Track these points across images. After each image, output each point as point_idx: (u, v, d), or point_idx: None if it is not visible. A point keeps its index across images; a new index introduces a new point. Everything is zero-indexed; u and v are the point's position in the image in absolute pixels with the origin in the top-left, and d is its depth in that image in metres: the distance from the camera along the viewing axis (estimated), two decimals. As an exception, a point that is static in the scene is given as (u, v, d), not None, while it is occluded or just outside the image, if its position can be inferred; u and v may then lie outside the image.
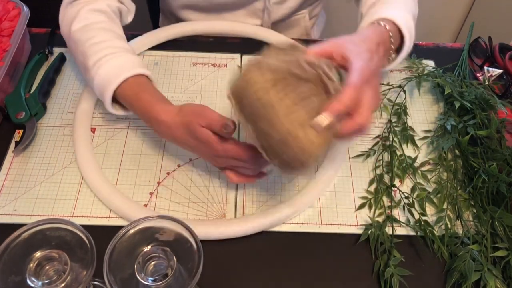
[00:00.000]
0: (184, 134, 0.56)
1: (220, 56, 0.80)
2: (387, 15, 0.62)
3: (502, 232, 0.58)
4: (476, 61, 0.81)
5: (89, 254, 0.43)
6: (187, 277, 0.44)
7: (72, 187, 0.63)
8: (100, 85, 0.61)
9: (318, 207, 0.63)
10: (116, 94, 0.61)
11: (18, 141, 0.66)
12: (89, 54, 0.62)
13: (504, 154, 0.63)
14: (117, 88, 0.60)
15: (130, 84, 0.60)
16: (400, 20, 0.62)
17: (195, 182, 0.64)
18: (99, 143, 0.68)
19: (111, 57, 0.61)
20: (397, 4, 0.66)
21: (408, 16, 0.65)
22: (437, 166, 0.67)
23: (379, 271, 0.57)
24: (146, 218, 0.46)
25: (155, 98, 0.60)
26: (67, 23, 0.67)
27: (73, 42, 0.66)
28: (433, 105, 0.75)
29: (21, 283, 0.42)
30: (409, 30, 0.63)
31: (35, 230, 0.45)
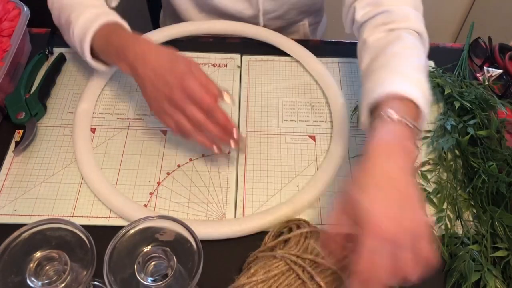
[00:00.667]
0: (163, 57, 0.58)
1: (220, 56, 0.80)
2: (402, 91, 0.51)
3: (502, 232, 0.58)
4: (476, 61, 0.81)
5: (89, 254, 0.43)
6: (187, 277, 0.44)
7: (72, 187, 0.63)
8: (79, 34, 0.64)
9: (318, 207, 0.63)
10: (94, 40, 0.63)
11: (18, 141, 0.66)
12: (70, 12, 0.66)
13: (504, 154, 0.63)
14: (95, 32, 0.62)
15: (107, 26, 0.63)
16: (420, 100, 0.51)
17: (195, 182, 0.64)
18: (99, 143, 0.68)
19: (90, 10, 0.64)
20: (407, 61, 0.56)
21: (424, 79, 0.55)
22: (437, 166, 0.67)
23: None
24: (146, 218, 0.46)
25: (135, 34, 0.62)
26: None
27: (56, 8, 0.69)
28: (433, 105, 0.75)
29: (21, 283, 0.42)
30: (428, 101, 0.53)
31: (35, 230, 0.45)
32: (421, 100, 0.51)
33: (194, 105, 0.57)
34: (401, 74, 0.54)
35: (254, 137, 0.69)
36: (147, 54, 0.58)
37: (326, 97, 0.74)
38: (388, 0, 0.63)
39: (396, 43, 0.59)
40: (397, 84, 0.52)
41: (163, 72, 0.57)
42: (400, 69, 0.55)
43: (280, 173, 0.66)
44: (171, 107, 0.58)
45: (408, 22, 0.61)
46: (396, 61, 0.56)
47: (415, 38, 0.61)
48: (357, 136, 0.70)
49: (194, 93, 0.56)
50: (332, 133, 0.70)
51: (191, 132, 0.59)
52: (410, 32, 0.61)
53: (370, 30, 0.63)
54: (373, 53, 0.60)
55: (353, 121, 0.72)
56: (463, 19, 1.68)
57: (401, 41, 0.59)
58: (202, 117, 0.57)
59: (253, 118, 0.72)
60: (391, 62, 0.56)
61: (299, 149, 0.68)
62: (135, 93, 0.74)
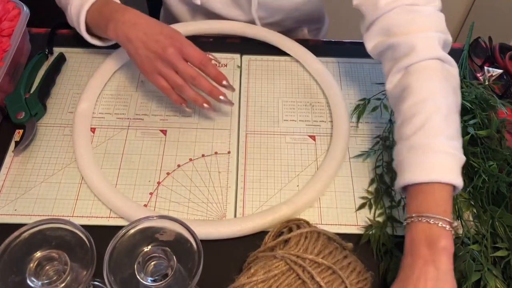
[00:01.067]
0: (151, 21, 0.63)
1: (220, 56, 0.79)
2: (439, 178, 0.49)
3: (502, 232, 0.58)
4: (476, 61, 0.81)
5: (89, 254, 0.43)
6: (187, 277, 0.44)
7: (72, 187, 0.63)
8: (75, 11, 0.67)
9: (318, 207, 0.63)
10: (88, 15, 0.66)
11: (18, 141, 0.66)
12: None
13: (504, 154, 0.63)
14: (89, 7, 0.66)
15: (100, 1, 0.66)
16: (458, 180, 0.50)
17: (195, 182, 0.64)
18: (99, 143, 0.68)
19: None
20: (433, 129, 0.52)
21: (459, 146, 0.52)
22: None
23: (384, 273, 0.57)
24: (146, 218, 0.46)
25: (124, 5, 0.65)
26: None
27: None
28: (433, 105, 0.75)
29: (21, 283, 0.42)
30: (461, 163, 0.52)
31: (35, 230, 0.45)
32: (458, 180, 0.50)
33: (185, 62, 0.62)
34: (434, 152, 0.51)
35: (254, 137, 0.69)
36: (137, 19, 0.63)
37: (326, 97, 0.74)
38: (399, 27, 0.58)
39: (409, 99, 0.54)
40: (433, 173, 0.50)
41: (154, 33, 0.62)
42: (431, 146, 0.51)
43: (280, 173, 0.66)
44: (163, 64, 0.62)
45: (416, 53, 0.56)
46: (422, 133, 0.52)
47: (429, 75, 0.55)
48: (357, 136, 0.70)
49: (186, 48, 0.62)
50: (332, 133, 0.70)
51: (183, 87, 0.63)
52: (423, 68, 0.55)
53: (386, 68, 0.61)
54: (395, 107, 0.58)
55: (353, 121, 0.72)
56: (463, 19, 1.68)
57: (413, 93, 0.54)
58: (194, 71, 0.62)
59: (253, 118, 0.72)
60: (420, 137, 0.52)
61: (299, 149, 0.68)
62: (135, 93, 0.74)
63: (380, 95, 0.74)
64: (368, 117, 0.73)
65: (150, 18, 0.64)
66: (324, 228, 0.57)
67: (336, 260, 0.52)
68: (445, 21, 0.60)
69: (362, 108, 0.72)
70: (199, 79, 0.63)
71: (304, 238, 0.53)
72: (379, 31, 0.61)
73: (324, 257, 0.52)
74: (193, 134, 0.69)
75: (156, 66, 0.62)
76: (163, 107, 0.72)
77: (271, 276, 0.50)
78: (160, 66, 0.62)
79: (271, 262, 0.51)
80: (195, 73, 0.62)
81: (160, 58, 0.62)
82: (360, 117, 0.72)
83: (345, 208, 0.63)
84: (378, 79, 0.77)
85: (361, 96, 0.74)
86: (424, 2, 0.59)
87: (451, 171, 0.50)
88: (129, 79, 0.76)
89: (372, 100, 0.74)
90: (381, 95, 0.74)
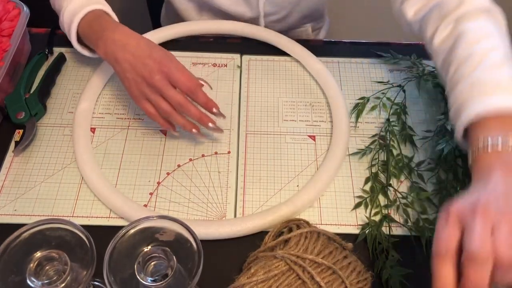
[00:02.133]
0: (142, 43, 0.60)
1: (220, 56, 0.80)
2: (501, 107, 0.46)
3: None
4: (476, 61, 0.81)
5: (89, 254, 0.43)
6: (187, 277, 0.44)
7: (72, 187, 0.63)
8: (68, 20, 0.66)
9: (318, 207, 0.63)
10: (79, 26, 0.65)
11: (18, 141, 0.66)
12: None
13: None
14: (82, 18, 0.64)
15: (93, 13, 0.65)
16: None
17: (195, 182, 0.64)
18: (99, 143, 0.68)
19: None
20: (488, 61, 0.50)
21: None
22: (436, 166, 0.67)
23: (379, 271, 0.57)
24: (146, 218, 0.46)
25: (116, 22, 0.64)
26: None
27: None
28: (433, 105, 0.75)
29: (21, 283, 0.42)
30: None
31: (35, 230, 0.45)
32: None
33: (174, 88, 0.60)
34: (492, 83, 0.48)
35: (254, 137, 0.69)
36: (126, 40, 0.61)
37: (326, 97, 0.74)
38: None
39: (464, 42, 0.53)
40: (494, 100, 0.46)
41: (142, 56, 0.59)
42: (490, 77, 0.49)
43: (280, 173, 0.66)
44: (150, 90, 0.60)
45: (466, 4, 0.56)
46: (481, 68, 0.50)
47: (483, 20, 0.54)
48: (357, 136, 0.70)
49: (174, 75, 0.59)
50: (332, 133, 0.70)
51: (172, 114, 0.61)
52: (475, 15, 0.55)
53: (431, 29, 0.60)
54: (446, 60, 0.56)
55: (352, 121, 0.72)
56: (463, 19, 1.68)
57: (467, 36, 0.53)
58: (182, 98, 0.60)
59: (253, 118, 0.72)
60: (477, 71, 0.50)
61: (299, 149, 0.68)
62: (135, 93, 0.74)
63: (379, 94, 0.74)
64: (368, 117, 0.73)
65: (142, 38, 0.62)
66: (324, 228, 0.57)
67: (336, 260, 0.52)
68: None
69: (361, 107, 0.72)
70: (187, 107, 0.60)
71: (304, 238, 0.53)
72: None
73: (324, 257, 0.52)
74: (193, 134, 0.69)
75: (143, 90, 0.60)
76: (163, 107, 0.72)
77: (271, 276, 0.50)
78: (147, 91, 0.60)
79: (271, 262, 0.51)
80: (183, 100, 0.60)
81: (146, 83, 0.59)
82: (359, 116, 0.72)
83: (345, 208, 0.63)
84: (378, 79, 0.77)
85: (361, 96, 0.74)
86: None
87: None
88: (129, 79, 0.76)
89: (372, 99, 0.74)
90: (381, 94, 0.74)
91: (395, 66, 0.80)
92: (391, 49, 0.81)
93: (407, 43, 0.84)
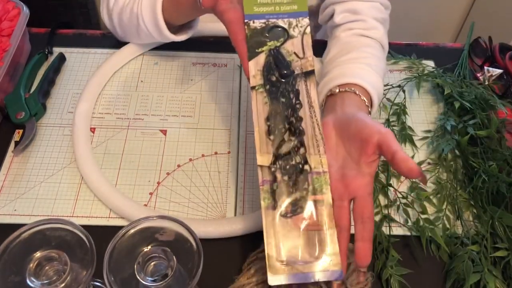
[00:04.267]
0: None
1: (220, 56, 0.79)
2: (359, 81, 0.58)
3: (502, 232, 0.58)
4: (476, 61, 0.81)
5: (89, 254, 0.43)
6: (187, 277, 0.44)
7: (72, 187, 0.63)
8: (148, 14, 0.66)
9: (318, 207, 0.63)
10: (164, 8, 0.64)
11: (17, 141, 0.66)
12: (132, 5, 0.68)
13: (504, 154, 0.63)
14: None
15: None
16: (372, 90, 0.58)
17: (195, 182, 0.64)
18: (98, 143, 0.68)
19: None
20: (371, 61, 0.62)
21: (381, 85, 0.61)
22: (436, 166, 0.67)
23: (379, 271, 0.57)
24: (146, 218, 0.46)
25: None
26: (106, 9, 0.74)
27: (116, 12, 0.72)
28: (433, 105, 0.75)
29: (21, 283, 0.42)
30: (379, 97, 0.60)
31: (35, 230, 0.44)
32: (375, 96, 0.59)
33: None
34: (369, 69, 0.61)
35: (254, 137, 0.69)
36: None
37: (326, 97, 0.74)
38: (363, 11, 0.68)
39: (366, 46, 0.65)
40: (364, 78, 0.59)
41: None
42: (370, 66, 0.61)
43: (280, 173, 0.66)
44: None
45: (378, 34, 0.68)
46: (368, 60, 0.63)
47: (380, 49, 0.68)
48: (357, 136, 0.70)
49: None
50: (332, 133, 0.69)
51: None
52: (378, 43, 0.68)
53: (345, 32, 0.69)
54: (345, 48, 0.66)
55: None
56: (463, 19, 1.68)
57: (371, 47, 0.65)
58: None
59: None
60: (366, 59, 0.63)
61: (299, 149, 0.68)
62: (135, 93, 0.74)
63: (380, 95, 0.74)
64: (368, 117, 0.73)
65: None
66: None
67: None
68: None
69: (362, 108, 0.72)
70: None
71: None
72: (347, 9, 0.70)
73: None
74: (193, 134, 0.69)
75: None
76: (163, 107, 0.72)
77: None
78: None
79: None
80: None
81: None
82: (360, 117, 0.72)
83: (345, 208, 0.63)
84: (378, 79, 0.77)
85: (361, 96, 0.74)
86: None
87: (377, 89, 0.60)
88: (129, 79, 0.76)
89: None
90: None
91: (395, 66, 0.80)
92: (391, 49, 0.81)
93: (407, 43, 0.84)
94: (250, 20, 0.51)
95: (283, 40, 0.51)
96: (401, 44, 0.84)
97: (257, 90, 0.49)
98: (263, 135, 0.48)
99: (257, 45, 0.50)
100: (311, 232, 0.45)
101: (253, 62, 0.50)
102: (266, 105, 0.49)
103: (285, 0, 0.52)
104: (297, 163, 0.47)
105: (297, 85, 0.49)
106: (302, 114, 0.48)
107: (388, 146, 0.46)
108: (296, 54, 0.50)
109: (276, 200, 0.45)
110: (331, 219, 0.45)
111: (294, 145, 0.47)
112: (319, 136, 0.47)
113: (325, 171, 0.46)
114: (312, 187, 0.46)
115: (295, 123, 0.48)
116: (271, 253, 0.44)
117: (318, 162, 0.46)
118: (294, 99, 0.49)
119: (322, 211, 0.45)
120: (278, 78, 0.49)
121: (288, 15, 0.51)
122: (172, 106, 0.72)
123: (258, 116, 0.48)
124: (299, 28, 0.51)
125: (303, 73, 0.50)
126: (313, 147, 0.47)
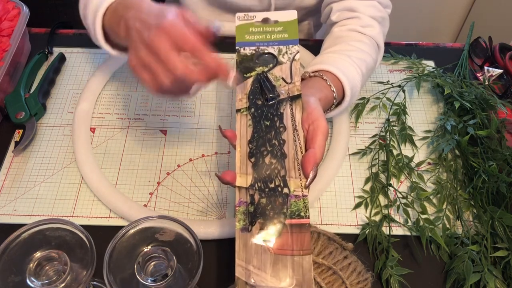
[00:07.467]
0: (155, 6, 0.50)
1: (220, 56, 0.79)
2: (329, 68, 0.60)
3: (502, 232, 0.58)
4: (476, 61, 0.81)
5: (89, 254, 0.43)
6: (187, 277, 0.44)
7: (72, 187, 0.63)
8: (91, 14, 0.59)
9: (318, 207, 0.63)
10: (104, 18, 0.57)
11: (17, 141, 0.66)
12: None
13: (504, 154, 0.63)
14: (107, 8, 0.57)
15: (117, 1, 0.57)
16: (343, 77, 0.60)
17: (195, 182, 0.64)
18: (98, 143, 0.68)
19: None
20: (353, 53, 0.64)
21: (357, 76, 0.63)
22: (436, 166, 0.67)
23: (379, 271, 0.57)
24: (146, 218, 0.46)
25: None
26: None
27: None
28: (433, 105, 0.75)
29: (21, 283, 0.42)
30: (353, 91, 0.62)
31: (35, 230, 0.44)
32: (346, 83, 0.61)
33: (177, 50, 0.48)
34: (347, 59, 0.63)
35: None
36: (141, 5, 0.52)
37: (326, 97, 0.74)
38: (359, 9, 0.70)
39: (356, 41, 0.67)
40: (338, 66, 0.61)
41: (148, 18, 0.49)
42: (349, 57, 0.63)
43: (280, 173, 0.66)
44: (149, 55, 0.48)
45: (374, 32, 0.69)
46: (351, 52, 0.65)
47: (373, 46, 0.69)
48: (357, 136, 0.70)
49: (175, 32, 0.47)
50: (332, 133, 0.70)
51: (168, 91, 0.50)
52: (371, 40, 0.69)
53: (339, 27, 0.71)
54: (334, 42, 0.69)
55: (353, 121, 0.72)
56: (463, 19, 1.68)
57: (361, 42, 0.67)
58: (182, 68, 0.47)
59: (253, 118, 0.72)
60: (349, 52, 0.65)
61: (299, 149, 0.68)
62: (135, 93, 0.74)
63: (379, 95, 0.74)
64: (368, 117, 0.73)
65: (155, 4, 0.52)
66: (324, 228, 0.57)
67: (336, 261, 0.52)
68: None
69: (361, 108, 0.72)
70: (191, 76, 0.49)
71: None
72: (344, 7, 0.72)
73: (324, 257, 0.52)
74: (193, 134, 0.69)
75: (141, 56, 0.49)
76: (163, 107, 0.72)
77: None
78: (144, 56, 0.49)
79: None
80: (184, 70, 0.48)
81: (145, 46, 0.48)
82: (359, 116, 0.72)
83: (345, 208, 0.63)
84: (378, 79, 0.77)
85: (361, 96, 0.74)
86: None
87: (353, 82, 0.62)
88: (129, 79, 0.76)
89: (372, 99, 0.74)
90: (380, 95, 0.74)
91: (395, 66, 0.80)
92: (391, 49, 0.82)
93: (407, 43, 0.84)
94: (241, 47, 0.52)
95: (272, 66, 0.51)
96: (401, 44, 0.84)
97: (241, 113, 0.49)
98: (244, 157, 0.47)
99: (246, 71, 0.51)
100: (283, 257, 0.44)
101: (241, 86, 0.50)
102: (250, 127, 0.49)
103: (276, 29, 0.53)
104: (276, 186, 0.46)
105: (281, 108, 0.49)
106: (285, 137, 0.48)
107: (310, 142, 0.48)
108: (284, 79, 0.51)
109: (251, 222, 0.45)
110: (306, 245, 0.44)
111: (274, 167, 0.47)
112: (301, 159, 0.47)
113: (304, 195, 0.46)
114: (290, 210, 0.45)
115: (277, 146, 0.48)
116: (241, 276, 0.43)
117: (298, 185, 0.46)
118: (278, 122, 0.49)
119: (298, 235, 0.44)
120: (264, 102, 0.49)
121: (279, 43, 0.53)
122: (172, 106, 0.72)
123: (241, 138, 0.48)
124: (289, 55, 0.52)
125: (289, 97, 0.50)
126: (294, 170, 0.46)
